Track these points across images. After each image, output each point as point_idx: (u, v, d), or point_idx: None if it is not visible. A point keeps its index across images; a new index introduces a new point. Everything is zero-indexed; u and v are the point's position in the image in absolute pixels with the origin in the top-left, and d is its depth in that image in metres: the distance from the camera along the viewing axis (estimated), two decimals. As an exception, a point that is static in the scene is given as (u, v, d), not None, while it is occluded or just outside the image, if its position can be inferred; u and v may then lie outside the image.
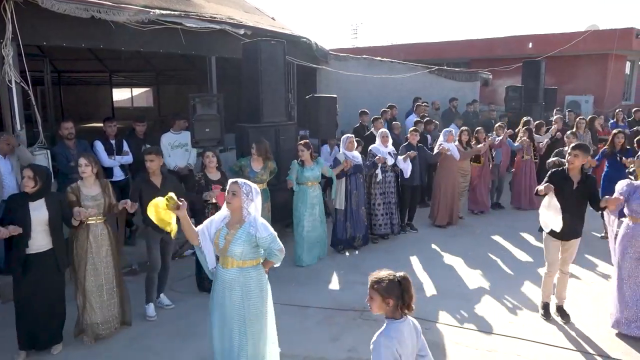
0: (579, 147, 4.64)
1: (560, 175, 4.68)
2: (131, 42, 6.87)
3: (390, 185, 7.28)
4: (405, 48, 21.95)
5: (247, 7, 10.40)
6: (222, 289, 3.49)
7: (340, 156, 6.77)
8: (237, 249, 3.39)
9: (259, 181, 5.95)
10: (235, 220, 3.47)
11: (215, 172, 5.44)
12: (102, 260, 4.45)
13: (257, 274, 3.52)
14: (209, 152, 5.47)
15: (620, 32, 17.44)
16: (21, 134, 5.78)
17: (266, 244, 3.41)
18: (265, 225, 3.42)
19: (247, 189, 3.42)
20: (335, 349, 4.39)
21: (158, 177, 4.93)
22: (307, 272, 6.19)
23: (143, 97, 22.20)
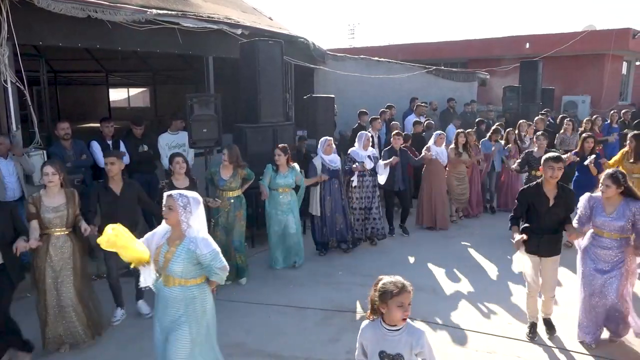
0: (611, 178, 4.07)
1: (533, 192, 4.27)
2: (128, 42, 6.84)
3: (369, 190, 6.94)
4: (402, 48, 21.97)
5: (245, 7, 10.38)
6: (164, 307, 3.28)
7: (317, 161, 6.51)
8: (177, 267, 3.16)
9: (229, 189, 5.68)
10: (176, 235, 3.23)
11: (184, 179, 5.15)
12: (62, 274, 4.20)
13: (200, 293, 3.28)
14: (179, 157, 5.17)
15: (617, 33, 17.51)
16: (17, 135, 5.74)
17: (207, 261, 3.15)
18: (207, 241, 3.17)
19: (184, 201, 3.17)
20: (334, 350, 4.37)
21: (118, 183, 4.67)
22: (306, 273, 6.17)
23: (140, 97, 22.13)
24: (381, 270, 6.21)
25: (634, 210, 4.02)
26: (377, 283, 2.73)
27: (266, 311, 5.12)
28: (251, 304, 5.28)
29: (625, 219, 4.04)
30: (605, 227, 4.13)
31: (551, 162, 4.19)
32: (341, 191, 6.72)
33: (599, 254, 4.20)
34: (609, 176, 4.08)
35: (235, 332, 4.67)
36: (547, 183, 4.23)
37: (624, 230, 4.09)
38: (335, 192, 6.63)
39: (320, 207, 6.55)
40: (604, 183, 4.07)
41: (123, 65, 15.10)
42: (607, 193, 4.07)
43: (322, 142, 6.62)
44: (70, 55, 13.11)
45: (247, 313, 5.07)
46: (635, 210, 4.02)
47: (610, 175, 4.08)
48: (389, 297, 2.66)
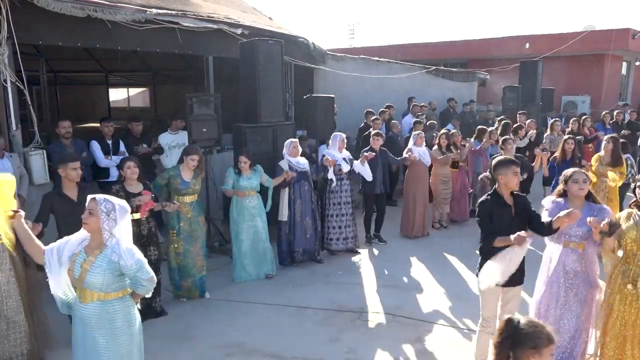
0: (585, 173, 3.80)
1: (495, 202, 3.67)
2: (128, 41, 6.84)
3: (346, 194, 6.61)
4: (402, 48, 21.98)
5: (245, 6, 10.39)
6: (82, 327, 2.93)
7: (284, 163, 6.14)
8: (96, 279, 2.83)
9: (191, 192, 5.31)
10: (95, 244, 2.91)
11: (136, 184, 4.80)
12: (2, 287, 3.70)
13: (123, 307, 2.97)
14: (130, 161, 4.83)
15: (617, 33, 17.51)
16: (16, 134, 5.73)
17: (132, 272, 2.87)
18: (131, 251, 2.88)
19: (108, 206, 2.85)
20: (334, 350, 4.37)
21: (74, 189, 4.42)
22: (305, 273, 6.16)
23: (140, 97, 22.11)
24: (381, 271, 6.27)
25: (596, 214, 3.63)
26: (507, 325, 2.11)
27: (266, 311, 5.12)
28: (251, 303, 5.28)
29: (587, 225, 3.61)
30: (571, 235, 3.73)
31: (514, 167, 3.66)
32: (311, 194, 6.35)
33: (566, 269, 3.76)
34: (583, 172, 3.81)
35: (235, 332, 4.67)
36: (506, 190, 3.68)
37: (587, 238, 3.70)
38: (305, 194, 6.26)
39: (289, 211, 6.16)
40: (580, 178, 3.71)
41: (123, 65, 15.08)
42: (585, 190, 3.72)
43: (287, 144, 6.19)
44: (70, 55, 13.09)
45: (247, 313, 5.07)
46: (597, 214, 3.63)
47: (583, 170, 3.87)
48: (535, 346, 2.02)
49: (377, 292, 5.58)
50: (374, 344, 4.46)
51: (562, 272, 3.77)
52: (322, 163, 6.47)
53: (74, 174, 4.36)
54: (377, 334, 4.66)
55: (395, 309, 5.14)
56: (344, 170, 6.53)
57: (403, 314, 5.03)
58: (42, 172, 5.84)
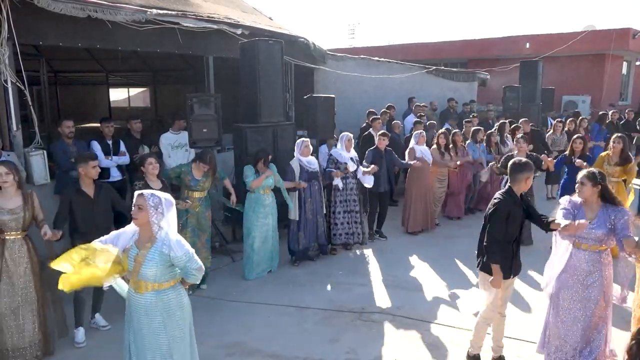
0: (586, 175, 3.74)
1: (512, 202, 3.75)
2: (128, 41, 6.84)
3: (352, 192, 6.73)
4: (402, 48, 21.97)
5: (245, 7, 10.39)
6: (138, 316, 3.11)
7: (295, 162, 6.26)
8: (150, 271, 3.01)
9: (201, 189, 5.58)
10: (145, 237, 3.07)
11: (156, 180, 4.97)
12: (19, 279, 3.96)
13: (176, 295, 3.17)
14: (151, 158, 4.99)
15: (617, 33, 17.51)
16: (17, 135, 5.74)
17: (182, 263, 3.03)
18: (180, 243, 3.04)
19: (156, 201, 3.01)
20: (333, 350, 4.37)
21: (90, 186, 4.50)
22: (306, 273, 6.17)
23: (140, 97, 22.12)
24: (381, 271, 6.27)
25: (612, 218, 3.64)
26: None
27: (266, 311, 5.12)
28: (251, 303, 5.28)
29: (606, 228, 3.65)
30: (584, 238, 3.71)
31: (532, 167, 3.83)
32: (321, 193, 6.49)
33: (578, 270, 3.75)
34: (584, 174, 3.75)
35: (236, 332, 4.67)
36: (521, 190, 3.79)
37: (602, 241, 3.69)
38: (315, 194, 6.38)
39: (299, 210, 6.27)
40: (578, 181, 3.75)
41: (123, 65, 15.08)
42: (583, 193, 3.72)
43: (299, 144, 6.32)
44: (71, 55, 13.09)
45: (247, 313, 5.08)
46: (615, 217, 3.64)
47: (586, 172, 3.77)
48: None
49: (377, 292, 5.59)
50: (374, 344, 4.47)
51: (572, 272, 3.77)
52: (331, 171, 6.55)
53: (94, 172, 4.46)
54: (377, 334, 4.66)
55: (395, 309, 5.14)
56: (351, 169, 6.63)
57: (403, 314, 5.04)
58: (42, 172, 5.85)
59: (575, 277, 3.76)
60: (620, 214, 3.64)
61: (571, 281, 3.77)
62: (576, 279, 3.76)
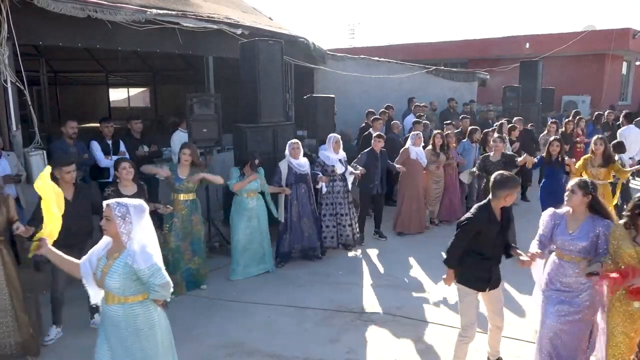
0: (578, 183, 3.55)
1: (486, 219, 3.58)
2: (128, 41, 6.85)
3: (339, 195, 6.62)
4: (402, 48, 21.98)
5: (245, 7, 10.40)
6: (106, 326, 3.00)
7: (283, 164, 6.20)
8: (114, 283, 2.87)
9: (186, 190, 5.40)
10: (116, 247, 2.95)
11: (131, 185, 4.79)
12: None
13: (144, 311, 2.97)
14: (125, 162, 4.79)
15: (617, 33, 17.52)
16: (17, 135, 5.74)
17: (145, 277, 2.83)
18: (147, 255, 2.85)
19: (122, 210, 2.86)
20: (334, 350, 4.37)
21: (70, 188, 4.38)
22: (306, 273, 6.17)
23: (140, 97, 22.14)
24: (381, 271, 6.26)
25: (598, 231, 3.44)
26: None
27: (266, 311, 5.12)
28: (251, 303, 5.28)
29: (588, 240, 3.45)
30: (566, 248, 3.54)
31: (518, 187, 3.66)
32: (309, 196, 6.36)
33: (563, 281, 3.59)
34: (576, 182, 3.56)
35: (235, 332, 4.67)
36: (502, 202, 3.58)
37: (586, 253, 3.48)
38: (303, 197, 6.26)
39: (286, 212, 6.23)
40: (569, 189, 3.55)
41: (123, 65, 15.10)
42: (572, 201, 3.53)
43: (289, 145, 6.23)
44: (71, 55, 13.10)
45: (247, 313, 5.08)
46: (601, 231, 3.44)
47: (578, 181, 3.58)
48: None
49: (377, 292, 5.58)
50: (374, 344, 4.46)
51: (557, 284, 3.62)
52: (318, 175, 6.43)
53: (68, 177, 4.35)
54: (377, 334, 4.66)
55: (395, 309, 5.14)
56: (338, 172, 6.53)
57: (403, 314, 5.03)
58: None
59: (560, 289, 3.60)
60: (605, 228, 3.44)
61: (555, 294, 3.62)
62: (561, 291, 3.60)
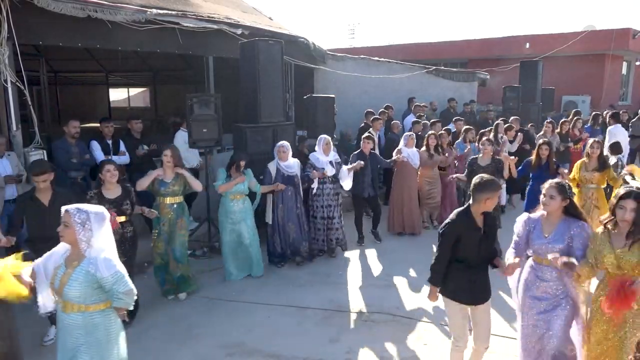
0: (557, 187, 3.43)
1: (466, 224, 3.43)
2: (128, 41, 6.84)
3: (328, 197, 6.49)
4: (402, 48, 21.97)
5: (245, 6, 10.39)
6: (64, 335, 2.90)
7: (272, 165, 6.12)
8: (74, 292, 2.77)
9: (172, 193, 5.23)
10: (75, 256, 2.84)
11: (115, 187, 4.65)
12: None
13: (104, 320, 2.88)
14: (109, 164, 4.65)
15: (617, 33, 17.52)
16: (17, 134, 5.74)
17: (109, 284, 2.77)
18: (109, 262, 2.79)
19: (83, 217, 2.77)
20: (334, 350, 4.37)
21: (47, 193, 4.31)
22: (306, 273, 6.17)
23: (140, 97, 22.13)
24: (381, 271, 6.27)
25: (573, 233, 3.38)
26: None
27: (266, 311, 5.12)
28: (251, 303, 5.28)
29: (564, 242, 3.39)
30: (543, 252, 3.44)
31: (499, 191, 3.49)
32: (296, 199, 6.26)
33: (540, 287, 3.50)
34: (555, 185, 3.45)
35: (235, 332, 4.67)
36: (481, 211, 3.44)
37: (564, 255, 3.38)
38: (288, 200, 6.18)
39: (273, 214, 6.18)
40: (547, 193, 3.43)
41: (123, 65, 15.11)
42: (550, 206, 3.42)
43: (276, 147, 6.16)
44: (71, 55, 13.10)
45: (247, 313, 5.08)
46: (575, 232, 3.38)
47: (556, 184, 3.46)
48: None
49: (376, 292, 5.58)
50: (374, 344, 4.46)
51: (535, 288, 3.53)
52: (308, 175, 6.32)
53: (42, 185, 4.26)
54: (377, 334, 4.66)
55: (395, 309, 5.14)
56: (328, 174, 6.40)
57: (403, 314, 5.04)
58: (42, 172, 5.84)
59: (538, 296, 3.51)
60: (580, 229, 3.38)
61: (529, 300, 3.55)
62: (539, 296, 3.51)
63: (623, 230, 3.22)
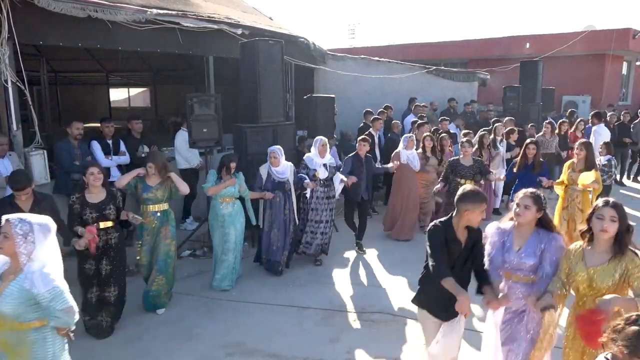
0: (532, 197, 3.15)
1: (447, 233, 3.16)
2: (128, 41, 6.85)
3: (320, 201, 6.30)
4: (402, 48, 21.97)
5: (245, 6, 10.41)
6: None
7: (263, 169, 5.95)
8: (6, 307, 2.56)
9: (155, 199, 4.95)
10: (13, 268, 2.64)
11: (100, 190, 4.45)
12: None
13: (40, 338, 2.66)
14: (93, 167, 4.44)
15: (617, 33, 17.51)
16: (17, 134, 5.75)
17: (45, 301, 2.55)
18: (47, 278, 2.56)
19: (25, 228, 2.58)
20: (334, 350, 4.37)
21: (28, 200, 4.18)
22: (306, 273, 6.17)
23: (140, 97, 22.14)
24: (381, 271, 6.27)
25: (544, 247, 3.11)
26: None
27: (266, 311, 5.13)
28: (251, 303, 5.28)
29: (535, 256, 3.13)
30: (514, 268, 3.18)
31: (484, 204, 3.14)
32: (284, 205, 6.03)
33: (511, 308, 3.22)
34: (530, 195, 3.16)
35: (236, 332, 4.68)
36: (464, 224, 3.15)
37: (535, 271, 3.16)
38: (276, 205, 5.98)
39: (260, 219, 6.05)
40: (522, 203, 3.14)
41: (123, 65, 15.12)
42: (524, 217, 3.13)
43: (268, 152, 5.98)
44: (71, 55, 13.12)
45: (247, 313, 5.08)
46: (546, 245, 3.11)
47: (531, 193, 3.18)
48: None
49: (376, 292, 5.59)
50: (374, 344, 4.46)
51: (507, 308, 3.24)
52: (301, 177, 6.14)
53: (23, 199, 4.15)
54: (377, 334, 4.66)
55: (395, 309, 5.15)
56: (320, 176, 6.20)
57: (403, 314, 5.04)
58: (42, 172, 5.87)
59: (508, 313, 3.23)
60: (551, 242, 3.12)
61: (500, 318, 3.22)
62: (509, 315, 3.24)
63: (599, 247, 2.94)
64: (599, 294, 2.86)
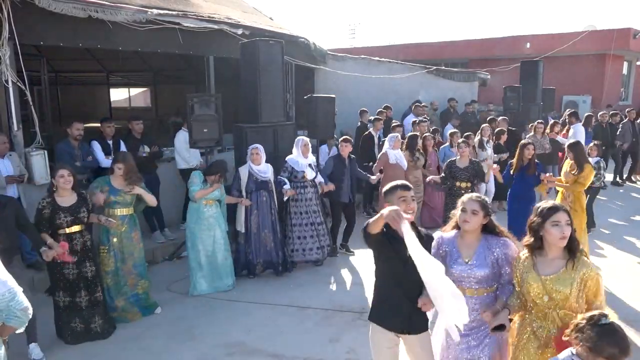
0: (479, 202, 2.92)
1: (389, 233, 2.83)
2: (129, 42, 6.86)
3: (310, 202, 6.15)
4: (403, 48, 21.98)
5: (245, 7, 10.41)
6: None
7: (244, 170, 5.85)
8: None
9: (123, 203, 4.82)
10: None
11: (70, 194, 4.31)
12: None
13: None
14: (64, 169, 4.28)
15: (618, 33, 17.52)
16: (18, 134, 5.76)
17: (4, 302, 2.54)
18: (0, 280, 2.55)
19: None
20: (334, 350, 4.38)
21: None
22: (306, 273, 6.17)
23: (141, 97, 22.14)
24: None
25: (497, 254, 2.87)
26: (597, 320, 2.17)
27: (267, 311, 5.13)
28: (251, 303, 5.29)
29: (487, 266, 2.86)
30: (465, 280, 2.90)
31: (400, 191, 2.92)
32: (271, 205, 5.92)
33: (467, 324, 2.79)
34: (476, 199, 2.93)
35: (236, 332, 4.68)
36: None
37: (489, 282, 2.90)
38: (263, 206, 5.85)
39: (245, 222, 5.86)
40: (469, 208, 2.89)
41: (124, 65, 15.12)
42: (472, 223, 2.88)
43: (249, 150, 5.88)
44: (72, 55, 13.12)
45: (247, 313, 5.09)
46: (498, 252, 2.87)
47: (477, 197, 2.96)
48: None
49: (377, 292, 5.59)
50: (374, 344, 4.47)
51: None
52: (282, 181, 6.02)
53: None
54: (377, 334, 4.66)
55: (395, 309, 5.14)
56: (308, 177, 6.12)
57: (403, 313, 5.04)
58: (43, 172, 5.87)
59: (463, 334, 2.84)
60: (503, 248, 2.89)
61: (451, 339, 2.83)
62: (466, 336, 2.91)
63: (551, 254, 2.69)
64: (559, 305, 2.63)
